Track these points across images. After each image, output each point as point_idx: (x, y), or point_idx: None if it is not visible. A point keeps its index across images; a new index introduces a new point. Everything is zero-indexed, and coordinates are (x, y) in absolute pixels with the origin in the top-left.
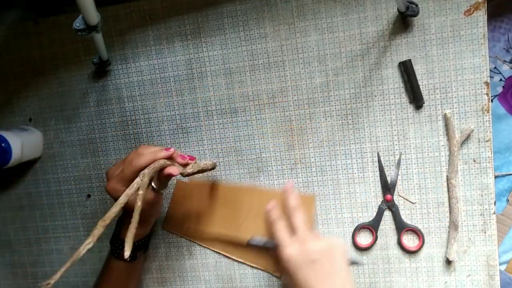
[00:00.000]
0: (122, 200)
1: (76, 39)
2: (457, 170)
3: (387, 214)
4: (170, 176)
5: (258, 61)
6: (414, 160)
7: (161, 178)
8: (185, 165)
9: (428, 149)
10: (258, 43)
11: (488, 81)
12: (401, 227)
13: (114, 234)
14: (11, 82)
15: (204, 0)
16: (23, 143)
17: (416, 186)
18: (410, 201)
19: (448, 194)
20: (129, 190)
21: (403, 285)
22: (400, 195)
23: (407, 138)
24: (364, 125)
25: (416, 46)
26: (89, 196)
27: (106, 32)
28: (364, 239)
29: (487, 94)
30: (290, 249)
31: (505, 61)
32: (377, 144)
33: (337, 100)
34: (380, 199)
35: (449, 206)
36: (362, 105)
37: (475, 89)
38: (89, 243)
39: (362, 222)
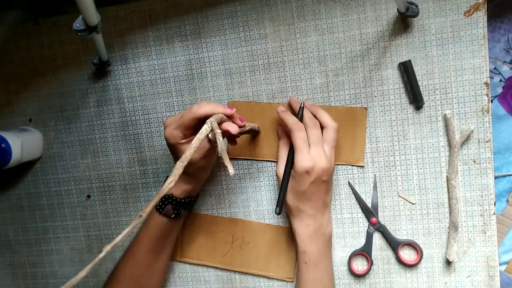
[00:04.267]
0: (195, 144)
1: (76, 39)
2: (457, 170)
3: (378, 236)
4: (227, 132)
5: (258, 62)
6: (414, 160)
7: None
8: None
9: (428, 150)
10: (258, 44)
11: (488, 81)
12: (395, 244)
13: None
14: (11, 82)
15: (204, 1)
16: (23, 144)
17: (416, 186)
18: (410, 202)
19: (448, 194)
20: (200, 135)
21: (403, 286)
22: (400, 196)
23: (407, 139)
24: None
25: (416, 46)
26: (89, 196)
27: (106, 33)
28: (360, 265)
29: (487, 94)
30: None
31: (505, 61)
32: (377, 144)
33: (337, 100)
34: (366, 223)
35: (449, 207)
36: (362, 105)
37: (475, 89)
38: (171, 182)
39: (355, 249)
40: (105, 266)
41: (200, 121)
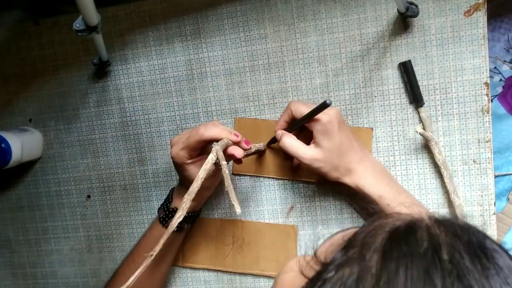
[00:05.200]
0: (202, 175)
1: (76, 39)
2: (453, 192)
3: None
4: (233, 157)
5: (258, 62)
6: (414, 160)
7: (224, 155)
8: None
9: (428, 150)
10: (258, 44)
11: (488, 81)
12: None
13: (164, 202)
14: (11, 82)
15: (204, 1)
16: (23, 144)
17: (416, 186)
18: None
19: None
20: (206, 166)
21: None
22: None
23: (407, 139)
24: (364, 126)
25: (416, 46)
26: (89, 196)
27: (106, 33)
28: None
29: (487, 94)
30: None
31: (505, 61)
32: (377, 144)
33: (337, 101)
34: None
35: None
36: (362, 105)
37: (475, 89)
38: (180, 216)
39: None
40: (105, 266)
41: (207, 142)
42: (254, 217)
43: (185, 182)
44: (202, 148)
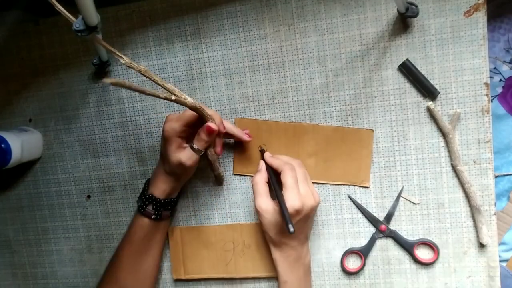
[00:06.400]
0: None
1: (76, 40)
2: (459, 156)
3: (389, 241)
4: (210, 131)
5: (258, 62)
6: (414, 161)
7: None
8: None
9: (428, 150)
10: (258, 44)
11: (488, 82)
12: (410, 246)
13: (142, 191)
14: (11, 83)
15: (204, 1)
16: (23, 144)
17: (416, 187)
18: (412, 202)
19: (460, 181)
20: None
21: (404, 286)
22: (402, 196)
23: (407, 139)
24: (364, 126)
25: (416, 47)
26: (89, 197)
27: (106, 33)
28: (353, 263)
29: (487, 95)
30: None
31: (505, 61)
32: (377, 144)
33: (337, 101)
34: (367, 223)
35: (464, 192)
36: (362, 106)
37: (475, 90)
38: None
39: (352, 247)
40: (105, 266)
41: (199, 121)
42: (255, 218)
43: (164, 159)
44: (194, 127)
